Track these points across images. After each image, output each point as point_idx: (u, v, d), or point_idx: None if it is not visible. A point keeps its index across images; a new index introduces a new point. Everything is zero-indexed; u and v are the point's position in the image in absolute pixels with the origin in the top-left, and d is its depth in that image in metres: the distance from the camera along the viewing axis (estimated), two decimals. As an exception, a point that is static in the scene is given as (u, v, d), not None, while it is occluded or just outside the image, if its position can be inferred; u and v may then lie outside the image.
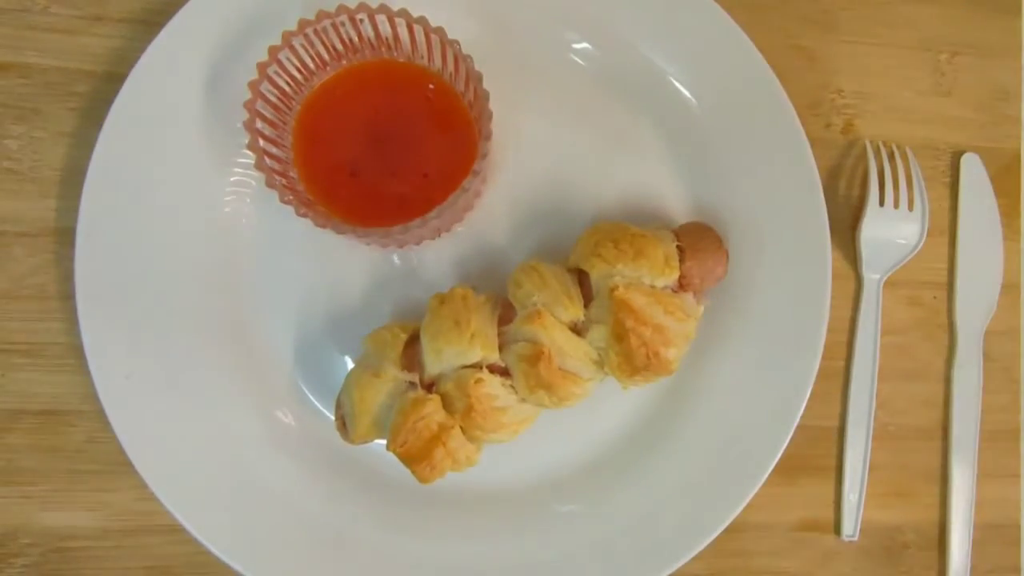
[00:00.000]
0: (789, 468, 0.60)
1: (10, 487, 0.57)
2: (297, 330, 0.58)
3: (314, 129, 0.54)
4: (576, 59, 0.60)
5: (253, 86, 0.49)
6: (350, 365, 0.58)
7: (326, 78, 0.54)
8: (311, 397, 0.58)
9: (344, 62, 0.54)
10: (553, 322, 0.50)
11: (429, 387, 0.51)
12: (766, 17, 0.65)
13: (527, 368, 0.50)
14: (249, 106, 0.49)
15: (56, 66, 0.58)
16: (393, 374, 0.51)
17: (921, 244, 0.65)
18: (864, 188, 0.65)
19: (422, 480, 0.50)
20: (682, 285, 0.53)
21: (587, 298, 0.52)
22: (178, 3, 0.55)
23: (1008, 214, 0.67)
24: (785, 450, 0.56)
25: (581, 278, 0.53)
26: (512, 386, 0.52)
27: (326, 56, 0.53)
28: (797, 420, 0.56)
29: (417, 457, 0.50)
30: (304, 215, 0.48)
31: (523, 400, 0.52)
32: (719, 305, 0.59)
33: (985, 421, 0.65)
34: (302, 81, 0.53)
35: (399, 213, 0.51)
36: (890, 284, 0.65)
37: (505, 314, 0.53)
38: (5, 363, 0.57)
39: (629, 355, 0.50)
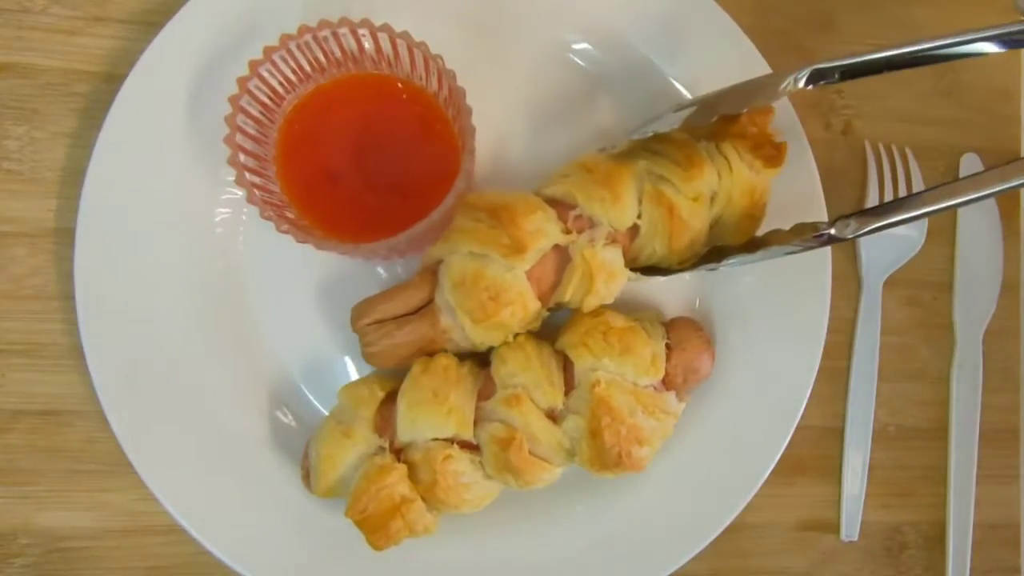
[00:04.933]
0: (789, 468, 0.60)
1: (10, 487, 0.57)
2: (297, 330, 0.57)
3: (296, 141, 0.53)
4: (576, 59, 0.60)
5: (234, 100, 0.49)
6: (350, 365, 0.58)
7: (309, 90, 0.54)
8: (311, 397, 0.58)
9: (327, 75, 0.54)
10: (531, 408, 0.51)
11: (398, 452, 0.52)
12: (766, 18, 0.65)
13: (498, 451, 0.50)
14: (230, 120, 0.49)
15: (56, 66, 0.58)
16: (364, 435, 0.51)
17: (921, 244, 0.65)
18: (864, 188, 0.65)
19: (375, 548, 0.51)
20: (665, 383, 0.54)
21: (569, 384, 0.53)
22: (178, 3, 0.55)
23: (1008, 214, 0.67)
24: (785, 450, 0.56)
25: (566, 362, 0.53)
26: (480, 462, 0.52)
27: (308, 69, 0.52)
28: (797, 420, 0.57)
29: (374, 527, 0.50)
30: (285, 231, 0.48)
31: (489, 478, 0.52)
32: (718, 305, 0.59)
33: (985, 421, 0.65)
34: (284, 95, 0.53)
35: (380, 226, 0.51)
36: (890, 284, 0.65)
37: (486, 387, 0.53)
38: (5, 363, 0.57)
39: (601, 452, 0.50)
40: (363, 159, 0.53)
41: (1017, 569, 0.66)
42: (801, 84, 0.47)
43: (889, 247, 0.64)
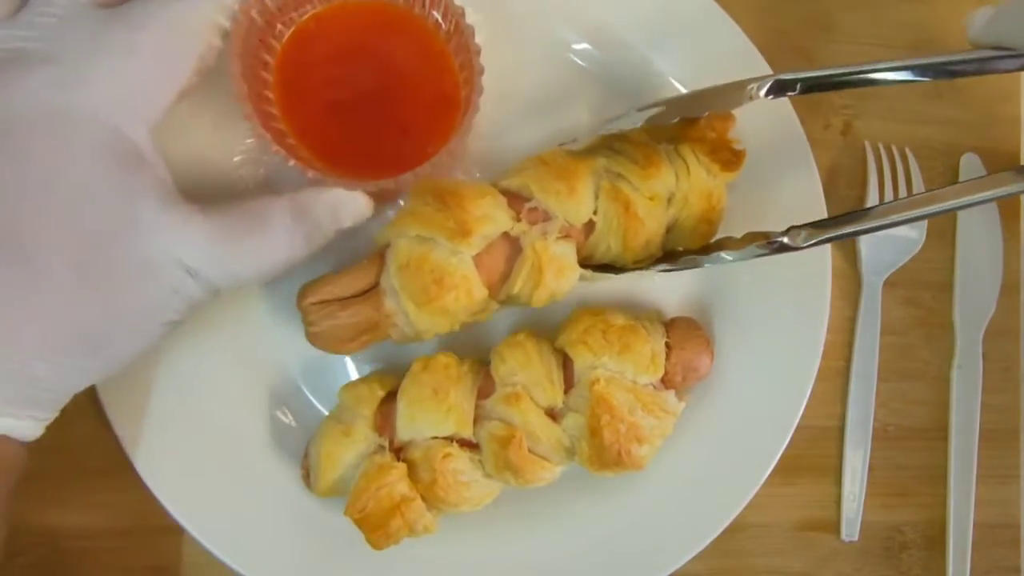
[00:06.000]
0: (789, 468, 0.60)
1: (10, 487, 0.57)
2: (297, 330, 0.57)
3: (294, 69, 0.52)
4: (576, 59, 0.60)
5: (235, 27, 0.48)
6: (350, 365, 0.58)
7: (306, 16, 0.52)
8: (311, 397, 0.58)
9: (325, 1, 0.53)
10: (530, 406, 0.51)
11: (398, 451, 0.52)
12: (766, 18, 0.65)
13: (497, 449, 0.50)
14: (232, 49, 0.48)
15: (56, 66, 0.58)
16: (364, 434, 0.51)
17: (921, 244, 0.65)
18: (864, 188, 0.65)
19: (375, 547, 0.50)
20: (664, 382, 0.54)
21: (569, 382, 0.53)
22: (178, 3, 0.55)
23: (1008, 214, 0.67)
24: (785, 450, 0.56)
25: (566, 360, 0.53)
26: (480, 461, 0.52)
27: None
28: (797, 420, 0.57)
29: (374, 526, 0.50)
30: (293, 167, 0.48)
31: (488, 476, 0.52)
32: (718, 304, 0.59)
33: (985, 421, 0.65)
34: (282, 18, 0.51)
35: (377, 161, 0.51)
36: (890, 284, 0.65)
37: (485, 385, 0.53)
38: (5, 363, 0.57)
39: (600, 450, 0.50)
40: (362, 90, 0.53)
41: (1017, 569, 0.66)
42: (762, 93, 0.48)
43: (889, 247, 0.64)
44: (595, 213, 0.52)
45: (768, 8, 0.65)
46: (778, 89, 0.48)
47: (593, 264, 0.55)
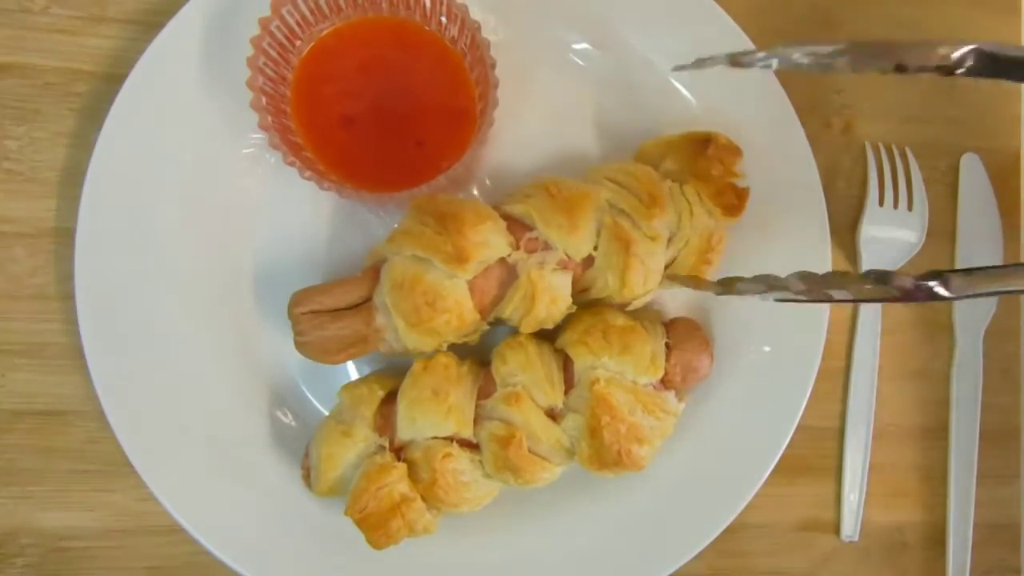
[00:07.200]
0: (789, 468, 0.60)
1: (10, 487, 0.57)
2: (297, 330, 0.57)
3: (312, 84, 0.53)
4: (576, 59, 0.60)
5: (256, 41, 0.48)
6: (350, 365, 0.58)
7: (325, 31, 0.53)
8: (311, 397, 0.58)
9: (343, 16, 0.53)
10: (530, 406, 0.51)
11: (398, 451, 0.52)
12: (766, 17, 0.65)
13: (497, 449, 0.50)
14: (252, 62, 0.48)
15: (56, 66, 0.58)
16: (364, 434, 0.52)
17: (921, 244, 0.65)
18: (864, 188, 0.65)
19: (374, 547, 0.51)
20: (664, 383, 0.54)
21: (569, 383, 0.53)
22: (178, 3, 0.55)
23: (1008, 214, 0.67)
24: (785, 450, 0.56)
25: (566, 361, 0.53)
26: (480, 461, 0.52)
27: (326, 9, 0.52)
28: (797, 420, 0.57)
29: (374, 526, 0.50)
30: (309, 178, 0.48)
31: (488, 476, 0.52)
32: (718, 305, 0.59)
33: (985, 421, 0.65)
34: (300, 35, 0.52)
35: (396, 174, 0.51)
36: (890, 284, 0.65)
37: (486, 386, 0.53)
38: (5, 363, 0.57)
39: (600, 450, 0.51)
40: (379, 104, 0.53)
41: (1017, 569, 0.66)
42: (955, 56, 0.41)
43: (889, 247, 0.64)
44: (595, 248, 0.52)
45: (769, 8, 0.65)
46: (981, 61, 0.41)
47: (588, 299, 0.55)
